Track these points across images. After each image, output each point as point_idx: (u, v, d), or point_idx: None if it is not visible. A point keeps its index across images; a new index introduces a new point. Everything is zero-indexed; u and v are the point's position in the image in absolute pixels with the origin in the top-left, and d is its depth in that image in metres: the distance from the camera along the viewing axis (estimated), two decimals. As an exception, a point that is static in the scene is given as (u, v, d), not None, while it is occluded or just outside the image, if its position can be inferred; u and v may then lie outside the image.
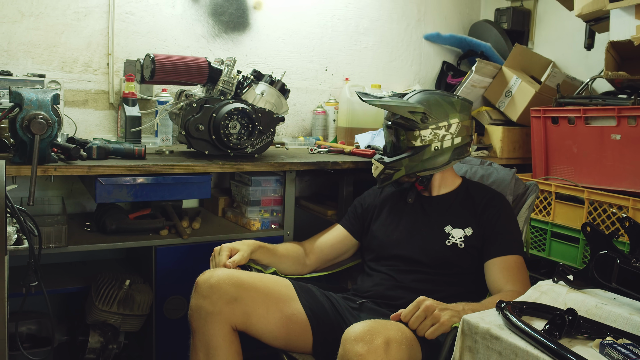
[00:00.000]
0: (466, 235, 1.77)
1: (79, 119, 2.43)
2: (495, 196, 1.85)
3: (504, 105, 2.90)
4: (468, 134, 1.85)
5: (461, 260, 1.75)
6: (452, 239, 1.77)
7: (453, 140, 1.80)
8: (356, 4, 3.12)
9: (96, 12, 2.45)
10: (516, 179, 2.00)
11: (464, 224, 1.79)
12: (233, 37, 2.79)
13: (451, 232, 1.78)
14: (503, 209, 1.81)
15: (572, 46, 3.05)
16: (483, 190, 1.88)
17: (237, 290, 1.56)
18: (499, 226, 1.76)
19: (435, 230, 1.80)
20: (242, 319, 1.56)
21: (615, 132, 2.24)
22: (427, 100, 1.80)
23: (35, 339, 2.15)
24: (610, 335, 1.08)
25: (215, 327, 1.54)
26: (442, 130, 1.79)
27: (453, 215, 1.82)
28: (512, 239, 1.76)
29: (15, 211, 1.36)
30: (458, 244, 1.76)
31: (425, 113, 1.77)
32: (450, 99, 1.83)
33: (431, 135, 1.78)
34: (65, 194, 2.44)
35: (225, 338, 1.54)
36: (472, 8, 3.57)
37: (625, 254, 1.19)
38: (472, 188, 1.89)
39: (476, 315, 1.17)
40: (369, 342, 1.30)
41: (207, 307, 1.54)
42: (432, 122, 1.78)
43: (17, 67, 2.31)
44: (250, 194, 2.24)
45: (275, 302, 1.61)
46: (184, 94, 2.18)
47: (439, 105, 1.79)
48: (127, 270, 2.34)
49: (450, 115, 1.80)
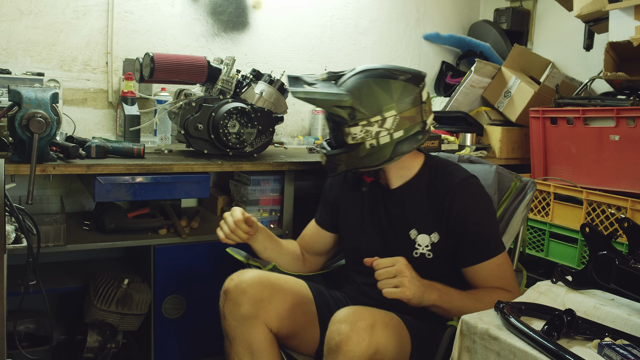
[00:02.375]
0: (433, 242, 1.60)
1: (78, 118, 2.43)
2: (461, 187, 1.58)
3: (503, 105, 2.90)
4: (414, 122, 1.55)
5: (433, 269, 1.59)
6: (418, 249, 1.61)
7: (392, 136, 1.53)
8: (355, 4, 3.12)
9: (95, 11, 2.45)
10: (499, 173, 1.86)
11: (429, 228, 1.60)
12: (232, 37, 2.79)
13: (417, 238, 1.61)
14: (472, 204, 1.58)
15: (571, 47, 3.06)
16: (447, 179, 1.61)
17: (268, 292, 1.57)
18: (470, 231, 1.56)
19: (401, 237, 1.63)
20: (276, 322, 1.56)
21: (614, 132, 2.24)
22: (359, 88, 1.52)
23: (34, 338, 2.15)
24: (609, 336, 1.08)
25: (256, 330, 1.53)
26: (374, 127, 1.52)
27: (416, 214, 1.62)
28: (488, 241, 1.58)
29: (14, 210, 1.36)
30: (426, 254, 1.60)
31: (353, 108, 1.51)
32: (389, 85, 1.52)
33: (362, 132, 1.53)
34: (64, 192, 2.43)
35: (267, 339, 1.55)
36: (471, 8, 3.57)
37: (624, 255, 1.20)
38: (434, 174, 1.64)
39: (475, 315, 1.17)
40: (353, 323, 1.33)
41: (244, 312, 1.53)
42: (362, 118, 1.51)
43: (16, 66, 2.31)
44: (249, 194, 2.23)
45: (300, 305, 1.62)
46: (183, 93, 2.18)
47: (372, 96, 1.52)
48: (125, 269, 2.33)
49: (384, 108, 1.51)
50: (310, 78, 1.60)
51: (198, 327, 2.14)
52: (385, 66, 1.58)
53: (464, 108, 2.97)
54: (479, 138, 2.86)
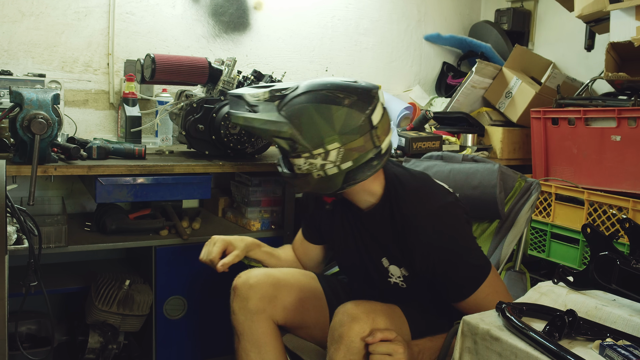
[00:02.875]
0: (404, 274, 1.53)
1: (79, 119, 2.43)
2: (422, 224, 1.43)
3: (504, 106, 2.90)
4: (364, 151, 1.38)
5: (410, 296, 1.56)
6: (391, 278, 1.55)
7: (340, 167, 1.37)
8: (356, 5, 3.12)
9: (96, 12, 2.45)
10: (502, 172, 1.81)
11: (398, 262, 1.52)
12: (233, 38, 2.79)
13: (389, 268, 1.54)
14: (436, 242, 1.42)
15: (573, 47, 3.06)
16: (407, 211, 1.45)
17: (275, 289, 1.61)
18: (440, 272, 1.44)
19: (375, 262, 1.57)
20: (282, 314, 1.61)
21: (616, 133, 2.24)
22: (298, 116, 1.36)
23: (35, 339, 2.15)
24: (610, 336, 1.08)
25: (262, 325, 1.58)
26: (318, 160, 1.37)
27: (386, 243, 1.52)
28: (464, 279, 1.43)
29: (15, 211, 1.36)
30: (399, 284, 1.54)
31: (292, 139, 1.36)
32: (331, 113, 1.35)
33: (306, 164, 1.38)
34: (65, 193, 2.44)
35: (272, 334, 1.59)
36: (472, 9, 3.57)
37: (626, 256, 1.19)
38: (395, 203, 1.48)
39: (476, 316, 1.17)
40: (355, 314, 1.37)
41: (251, 307, 1.57)
42: (303, 150, 1.36)
43: (17, 67, 2.31)
44: (251, 194, 2.23)
45: (308, 296, 1.66)
46: (184, 94, 2.18)
47: (312, 126, 1.35)
48: (127, 270, 2.34)
49: (325, 140, 1.35)
50: (252, 98, 1.43)
51: (199, 328, 2.14)
52: (329, 85, 1.38)
53: (465, 109, 2.97)
54: (480, 139, 2.86)
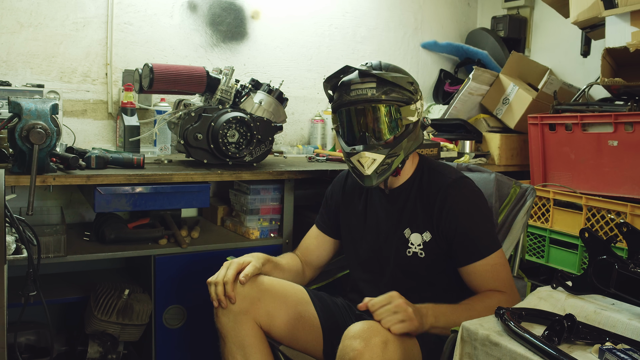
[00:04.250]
0: (425, 241, 1.62)
1: (78, 129, 2.44)
2: (451, 187, 1.60)
3: (501, 112, 2.91)
4: None
5: (425, 268, 1.63)
6: (411, 247, 1.63)
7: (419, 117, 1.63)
8: (353, 13, 3.13)
9: (95, 23, 2.46)
10: (498, 180, 1.86)
11: (421, 227, 1.63)
12: (231, 47, 2.80)
13: (410, 237, 1.64)
14: (462, 203, 1.59)
15: (569, 53, 3.07)
16: (438, 179, 1.64)
17: (258, 291, 1.60)
18: (460, 230, 1.57)
19: (396, 236, 1.66)
20: (266, 320, 1.59)
21: (613, 138, 2.25)
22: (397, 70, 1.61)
23: (34, 350, 2.14)
24: (610, 340, 1.08)
25: (245, 326, 1.57)
26: (419, 104, 1.61)
27: (410, 214, 1.65)
28: (480, 240, 1.57)
29: (14, 221, 1.36)
30: (418, 252, 1.62)
31: (408, 90, 1.58)
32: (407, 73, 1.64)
33: (416, 112, 1.59)
34: (64, 203, 2.44)
35: (257, 335, 1.58)
36: (469, 16, 3.59)
37: (624, 259, 1.20)
38: (427, 175, 1.67)
39: (475, 321, 1.17)
40: (367, 340, 1.31)
41: (234, 308, 1.57)
42: (412, 97, 1.58)
43: (16, 78, 2.32)
44: (249, 203, 2.24)
45: (294, 305, 1.64)
46: (183, 103, 2.18)
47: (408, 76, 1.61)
48: (126, 279, 2.33)
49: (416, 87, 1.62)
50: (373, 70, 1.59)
51: (199, 337, 2.14)
52: None
53: (462, 115, 2.98)
54: (478, 145, 2.87)
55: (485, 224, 1.60)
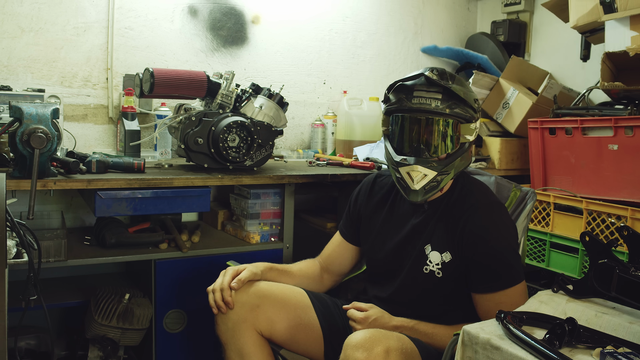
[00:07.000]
0: (444, 261, 1.55)
1: (79, 134, 2.44)
2: (478, 209, 1.53)
3: (501, 116, 2.92)
4: None
5: (441, 288, 1.58)
6: (429, 265, 1.57)
7: None
8: (353, 18, 3.14)
9: (95, 28, 2.47)
10: (498, 183, 1.84)
11: (442, 247, 1.56)
12: (231, 51, 2.81)
13: (429, 254, 1.57)
14: (487, 228, 1.51)
15: (568, 57, 3.08)
16: (467, 199, 1.58)
17: (258, 298, 1.60)
18: (480, 256, 1.50)
19: (416, 251, 1.60)
20: (266, 326, 1.59)
21: (613, 142, 2.25)
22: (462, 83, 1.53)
23: (35, 354, 2.14)
24: (611, 344, 1.08)
25: (244, 334, 1.57)
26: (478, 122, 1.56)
27: (434, 230, 1.59)
28: (501, 270, 1.49)
29: (14, 225, 1.36)
30: (436, 272, 1.56)
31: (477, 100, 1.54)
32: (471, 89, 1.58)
33: (474, 130, 1.54)
34: (64, 207, 2.44)
35: (256, 343, 1.58)
36: (469, 21, 3.60)
37: (625, 263, 1.20)
38: (457, 193, 1.61)
39: (476, 325, 1.17)
40: (369, 349, 1.31)
41: (233, 316, 1.57)
42: (473, 115, 1.53)
43: (17, 82, 2.32)
44: (250, 207, 2.24)
45: (294, 309, 1.64)
46: (183, 108, 2.19)
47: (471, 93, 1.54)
48: (126, 284, 2.33)
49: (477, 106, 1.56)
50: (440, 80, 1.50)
51: (199, 342, 2.13)
52: None
53: (462, 120, 2.98)
54: (478, 149, 2.87)
55: (509, 254, 1.51)
